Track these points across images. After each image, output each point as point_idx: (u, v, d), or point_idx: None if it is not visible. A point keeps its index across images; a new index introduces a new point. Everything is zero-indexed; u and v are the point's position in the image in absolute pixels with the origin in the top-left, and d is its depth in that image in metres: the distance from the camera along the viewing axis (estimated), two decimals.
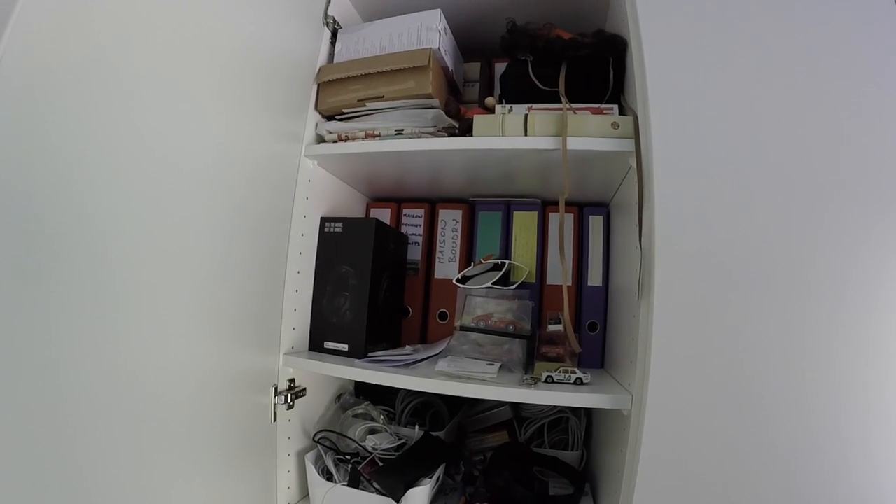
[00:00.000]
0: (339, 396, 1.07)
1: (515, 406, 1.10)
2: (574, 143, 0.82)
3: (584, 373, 0.84)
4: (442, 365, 0.87)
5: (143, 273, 0.63)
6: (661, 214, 0.71)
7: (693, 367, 0.70)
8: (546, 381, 0.84)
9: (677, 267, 0.71)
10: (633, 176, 0.79)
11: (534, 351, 0.93)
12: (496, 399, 0.81)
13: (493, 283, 0.95)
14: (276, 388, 0.91)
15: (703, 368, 0.69)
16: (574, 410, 1.08)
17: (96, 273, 0.57)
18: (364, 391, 1.11)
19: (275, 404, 0.91)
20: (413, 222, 1.08)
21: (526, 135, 0.85)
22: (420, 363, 0.89)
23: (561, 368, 0.85)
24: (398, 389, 1.05)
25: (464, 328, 0.93)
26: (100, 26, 0.56)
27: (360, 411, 1.02)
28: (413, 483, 0.90)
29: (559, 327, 0.93)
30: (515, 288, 0.96)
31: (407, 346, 0.95)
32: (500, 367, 0.86)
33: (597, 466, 1.03)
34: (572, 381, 0.84)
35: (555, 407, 1.07)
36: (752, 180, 0.72)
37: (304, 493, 1.03)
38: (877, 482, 0.66)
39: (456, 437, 1.11)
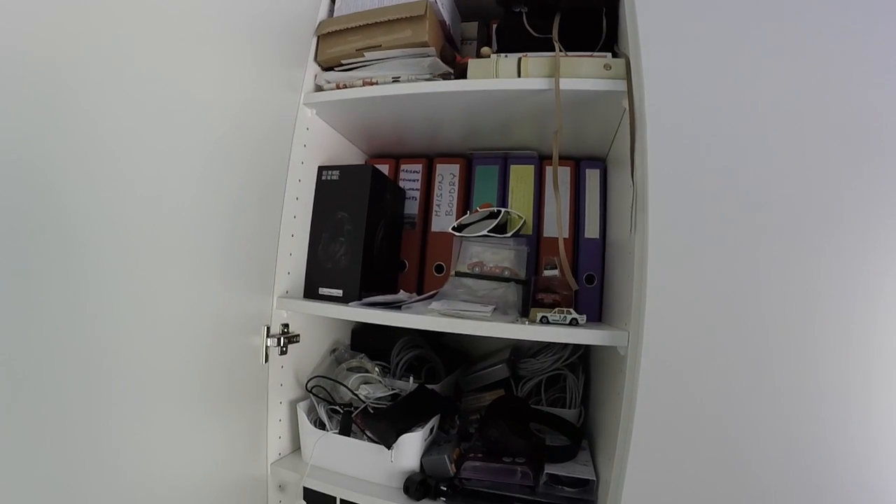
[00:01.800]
0: (333, 350, 1.07)
1: (512, 365, 1.09)
2: (567, 84, 0.83)
3: (581, 314, 0.83)
4: (436, 305, 0.86)
5: (136, 213, 0.63)
6: (654, 150, 0.71)
7: (689, 302, 0.69)
8: (541, 322, 0.83)
9: (670, 201, 0.71)
10: (628, 125, 0.79)
11: (529, 298, 0.93)
12: (490, 335, 0.80)
13: (489, 232, 0.95)
14: (268, 329, 0.90)
15: (699, 303, 0.68)
16: (572, 368, 1.07)
17: (89, 214, 0.57)
18: (359, 346, 1.10)
19: (266, 346, 0.90)
20: (411, 177, 1.09)
21: (519, 76, 0.86)
22: (414, 304, 0.88)
23: (557, 310, 0.84)
24: (393, 344, 1.05)
25: (458, 274, 0.92)
26: None
27: (354, 364, 1.01)
28: (406, 431, 0.89)
29: (555, 272, 0.92)
30: (511, 237, 0.95)
31: (402, 292, 0.94)
32: (494, 309, 0.85)
33: (594, 424, 1.00)
34: (567, 321, 0.83)
35: (552, 365, 1.06)
36: (744, 115, 0.72)
37: (296, 446, 1.02)
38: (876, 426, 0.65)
39: (452, 395, 1.10)
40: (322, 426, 0.94)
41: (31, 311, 0.52)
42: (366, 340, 1.10)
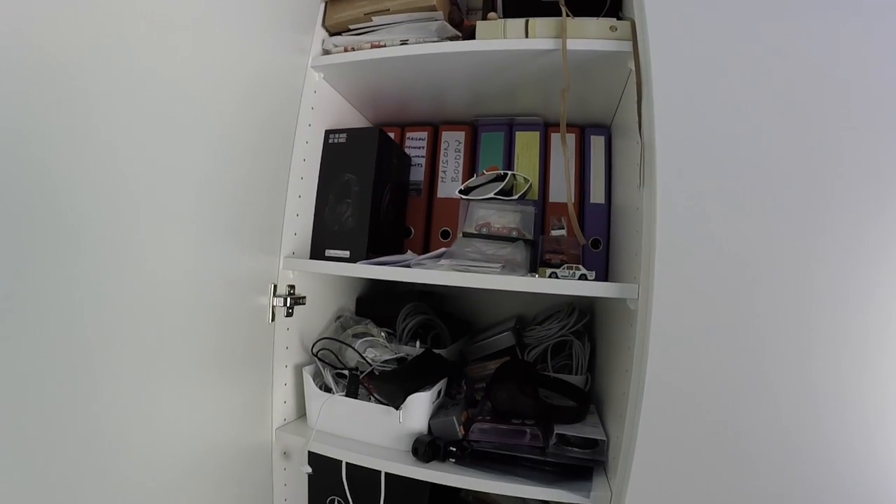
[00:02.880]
0: (338, 317, 1.06)
1: (517, 333, 1.08)
2: (574, 45, 0.84)
3: (589, 270, 0.83)
4: (445, 262, 0.86)
5: (147, 171, 0.63)
6: (660, 109, 0.72)
7: (698, 254, 0.70)
8: (550, 278, 0.83)
9: (678, 155, 0.72)
10: (632, 92, 0.80)
11: (537, 258, 0.93)
12: (502, 288, 0.80)
13: (495, 195, 0.95)
14: (275, 288, 0.89)
15: (709, 254, 0.69)
16: (577, 335, 1.06)
17: (100, 174, 0.57)
18: (364, 314, 1.09)
19: (273, 305, 0.89)
20: (417, 145, 1.09)
21: (527, 37, 0.87)
22: (423, 262, 0.88)
23: (565, 266, 0.85)
24: (398, 312, 1.04)
25: (466, 235, 0.92)
26: None
27: (360, 330, 1.00)
28: (414, 392, 0.88)
29: (562, 232, 0.93)
30: (518, 199, 0.96)
31: (409, 252, 0.94)
32: (503, 267, 0.85)
33: (602, 390, 1.00)
34: (577, 277, 0.83)
35: (558, 332, 1.06)
36: (749, 71, 0.72)
37: (301, 413, 1.00)
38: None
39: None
40: (328, 391, 0.93)
41: (29, 271, 0.50)
42: (371, 308, 1.09)
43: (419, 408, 0.88)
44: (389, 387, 0.88)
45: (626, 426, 0.73)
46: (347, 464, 0.95)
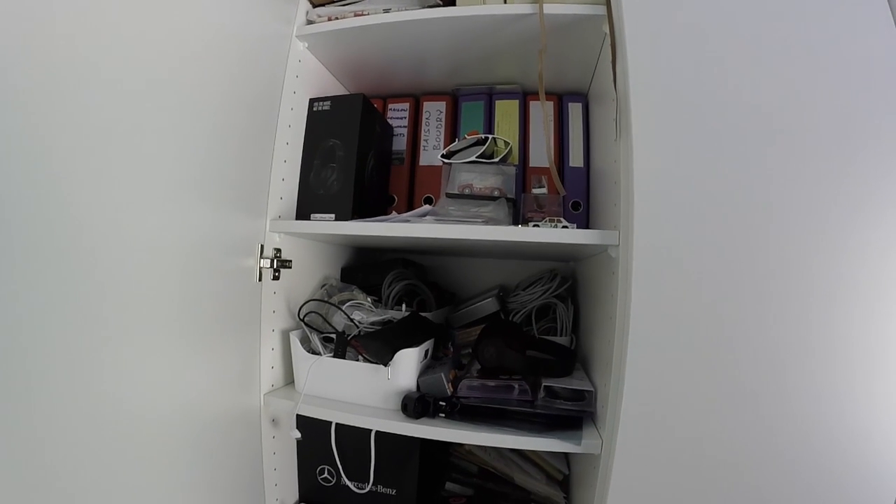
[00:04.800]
0: (324, 285, 1.06)
1: (501, 300, 1.10)
2: (550, 9, 0.88)
3: (571, 223, 0.85)
4: (429, 219, 0.87)
5: (134, 136, 0.63)
6: (634, 62, 0.75)
7: (677, 200, 0.72)
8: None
9: (652, 105, 0.74)
10: (607, 58, 0.83)
11: (519, 216, 0.95)
12: (487, 238, 0.82)
13: (477, 158, 0.97)
14: (262, 248, 0.89)
15: (686, 201, 0.71)
16: (561, 298, 1.08)
17: (85, 137, 0.57)
18: (350, 282, 1.09)
19: (260, 266, 0.89)
20: (399, 115, 1.11)
21: (506, 2, 0.90)
22: (406, 219, 0.89)
23: (547, 219, 0.87)
24: (383, 280, 1.05)
25: (449, 195, 0.94)
26: None
27: (346, 297, 1.01)
28: (401, 349, 0.88)
29: (543, 190, 0.95)
30: (499, 162, 0.98)
31: (394, 213, 0.95)
32: (485, 222, 0.87)
33: (587, 349, 1.02)
34: (558, 228, 0.85)
35: (541, 296, 1.07)
36: (719, 27, 0.76)
37: (289, 380, 1.00)
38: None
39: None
40: (316, 355, 0.93)
41: (10, 240, 0.50)
42: (355, 277, 1.10)
43: (407, 365, 0.88)
44: (377, 344, 0.88)
45: (612, 373, 0.75)
46: (336, 433, 0.95)
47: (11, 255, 0.50)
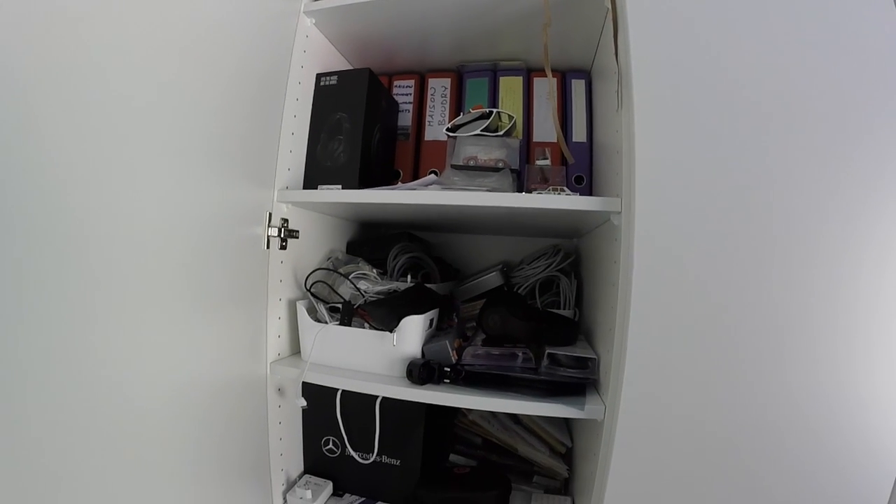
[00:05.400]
0: (329, 258, 1.07)
1: (505, 274, 1.11)
2: None
3: (574, 192, 0.87)
4: (434, 186, 0.89)
5: (146, 107, 0.65)
6: (635, 34, 0.75)
7: (679, 165, 0.72)
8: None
9: (653, 78, 0.75)
10: (609, 34, 0.84)
11: (523, 187, 0.96)
12: (490, 204, 0.83)
13: (482, 132, 0.99)
14: (269, 217, 0.91)
15: (688, 169, 0.72)
16: (565, 272, 1.09)
17: (95, 111, 0.58)
18: (356, 253, 1.11)
19: (268, 235, 0.91)
20: (404, 92, 1.13)
21: None
22: (412, 186, 0.91)
23: (550, 188, 0.88)
24: (389, 250, 1.06)
25: (454, 167, 0.95)
26: None
27: (352, 268, 1.02)
28: (407, 315, 0.89)
29: (547, 162, 0.96)
30: (503, 135, 0.99)
31: (399, 183, 0.97)
32: (490, 190, 0.88)
33: (590, 322, 1.03)
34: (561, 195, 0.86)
35: (544, 270, 1.08)
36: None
37: (295, 350, 1.01)
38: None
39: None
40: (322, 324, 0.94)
41: (18, 207, 0.51)
42: (361, 250, 1.11)
43: (412, 332, 0.89)
44: (382, 311, 0.89)
45: (615, 338, 0.76)
46: (342, 402, 0.96)
47: (19, 229, 0.51)
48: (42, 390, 0.54)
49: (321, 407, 0.98)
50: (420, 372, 0.86)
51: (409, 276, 1.01)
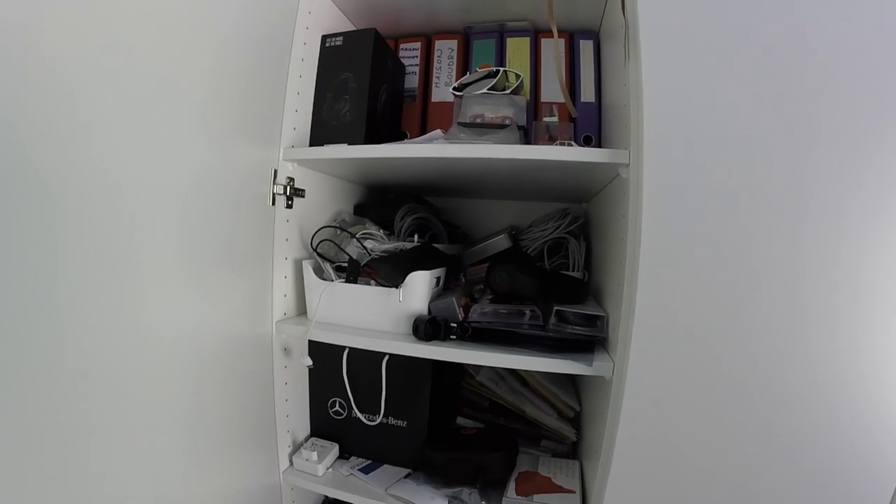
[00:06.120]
0: (336, 219, 1.07)
1: (513, 237, 1.10)
2: None
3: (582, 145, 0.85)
4: (439, 140, 0.88)
5: (153, 68, 0.64)
6: None
7: (686, 117, 0.71)
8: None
9: (660, 30, 0.73)
10: None
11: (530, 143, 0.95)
12: (496, 156, 0.82)
13: (489, 90, 0.98)
14: (275, 173, 0.90)
15: (695, 121, 0.70)
16: (574, 235, 1.08)
17: (104, 73, 0.58)
18: (363, 215, 1.10)
19: (274, 192, 0.90)
20: (410, 55, 1.12)
21: None
22: (418, 140, 0.90)
23: (558, 142, 0.87)
24: (396, 212, 1.05)
25: (461, 124, 0.94)
26: None
27: (359, 229, 1.01)
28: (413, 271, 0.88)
29: (554, 119, 0.95)
30: (511, 93, 0.98)
31: (406, 140, 0.96)
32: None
33: (599, 283, 1.01)
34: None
35: (553, 232, 1.07)
36: None
37: (301, 311, 1.01)
38: None
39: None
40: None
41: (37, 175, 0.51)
42: (368, 212, 1.11)
43: (419, 288, 0.88)
44: (388, 267, 0.89)
45: (624, 294, 0.74)
46: (348, 363, 0.95)
47: (32, 192, 0.51)
48: (46, 349, 0.54)
49: (327, 368, 0.98)
50: (426, 328, 0.85)
51: (416, 237, 1.00)
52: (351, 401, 0.98)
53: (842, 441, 0.69)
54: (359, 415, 0.98)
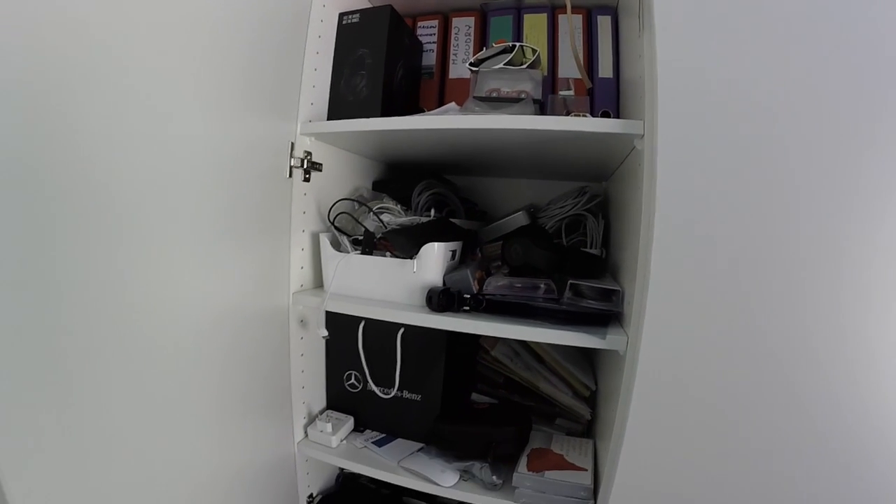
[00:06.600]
0: (353, 195, 1.08)
1: (531, 214, 1.09)
2: None
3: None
4: (454, 111, 0.88)
5: (172, 45, 0.67)
6: None
7: (701, 93, 0.69)
8: None
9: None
10: None
11: None
12: (511, 127, 0.82)
13: (505, 65, 0.97)
14: (292, 146, 0.92)
15: (711, 93, 0.68)
16: (592, 213, 1.07)
17: (127, 50, 0.60)
18: (381, 190, 1.11)
19: (291, 165, 0.92)
20: (428, 33, 1.13)
21: None
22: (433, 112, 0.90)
23: (573, 114, 0.86)
24: (414, 187, 1.06)
25: (477, 97, 0.94)
26: None
27: (376, 204, 1.02)
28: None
29: (571, 93, 0.94)
30: (527, 68, 0.98)
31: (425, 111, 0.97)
32: None
33: (617, 261, 1.00)
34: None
35: (571, 209, 1.07)
36: None
37: (318, 284, 1.02)
38: None
39: None
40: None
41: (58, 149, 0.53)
42: (387, 188, 1.12)
43: (434, 259, 0.88)
44: (403, 238, 0.89)
45: (638, 267, 0.73)
46: (363, 336, 0.96)
47: (51, 168, 0.53)
48: (79, 315, 0.57)
49: (344, 341, 0.99)
50: (440, 299, 0.86)
51: (433, 212, 1.00)
52: (366, 373, 0.99)
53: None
54: (374, 388, 0.99)
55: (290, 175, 0.92)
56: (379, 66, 0.96)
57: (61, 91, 0.53)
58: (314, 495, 1.07)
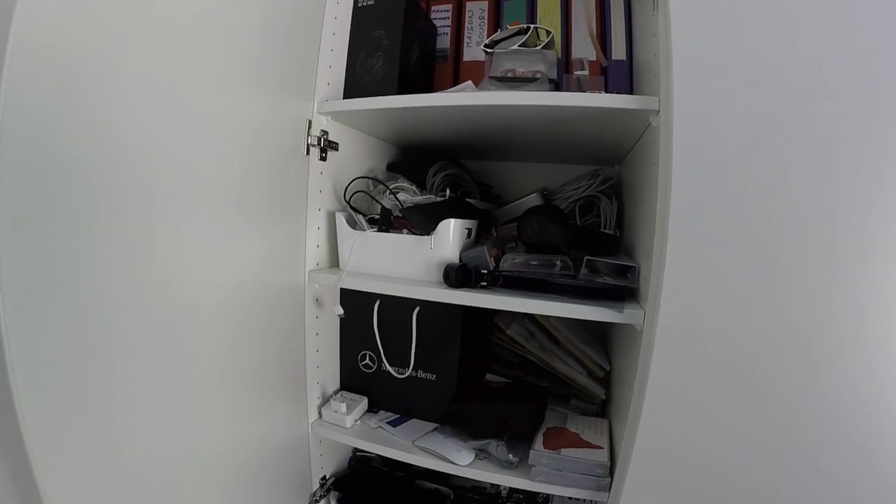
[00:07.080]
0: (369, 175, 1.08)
1: (545, 196, 1.10)
2: None
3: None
4: (470, 89, 0.89)
5: (193, 28, 0.67)
6: None
7: (716, 69, 0.69)
8: None
9: None
10: None
11: None
12: (526, 103, 0.82)
13: (519, 47, 0.98)
14: (309, 124, 0.93)
15: (723, 70, 0.68)
16: (606, 194, 1.07)
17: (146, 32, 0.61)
18: (396, 171, 1.12)
19: (308, 143, 0.92)
20: (442, 17, 1.13)
21: None
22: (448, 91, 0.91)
23: (589, 91, 0.87)
24: (427, 170, 1.06)
25: (492, 78, 0.95)
26: None
27: (391, 183, 1.03)
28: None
29: (585, 73, 0.95)
30: (542, 49, 0.98)
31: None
32: None
33: (631, 242, 1.00)
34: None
35: (585, 191, 1.07)
36: None
37: (334, 263, 1.02)
38: None
39: None
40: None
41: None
42: (402, 169, 1.12)
43: (451, 235, 0.89)
44: (420, 215, 0.90)
45: (654, 243, 0.73)
46: (378, 315, 0.96)
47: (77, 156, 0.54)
48: (110, 285, 0.58)
49: (359, 321, 0.99)
50: (457, 274, 0.86)
51: (447, 191, 1.01)
52: (381, 352, 0.99)
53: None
54: (388, 367, 0.99)
55: (308, 152, 0.92)
56: (395, 48, 0.97)
57: (89, 74, 0.54)
58: (327, 477, 1.07)
